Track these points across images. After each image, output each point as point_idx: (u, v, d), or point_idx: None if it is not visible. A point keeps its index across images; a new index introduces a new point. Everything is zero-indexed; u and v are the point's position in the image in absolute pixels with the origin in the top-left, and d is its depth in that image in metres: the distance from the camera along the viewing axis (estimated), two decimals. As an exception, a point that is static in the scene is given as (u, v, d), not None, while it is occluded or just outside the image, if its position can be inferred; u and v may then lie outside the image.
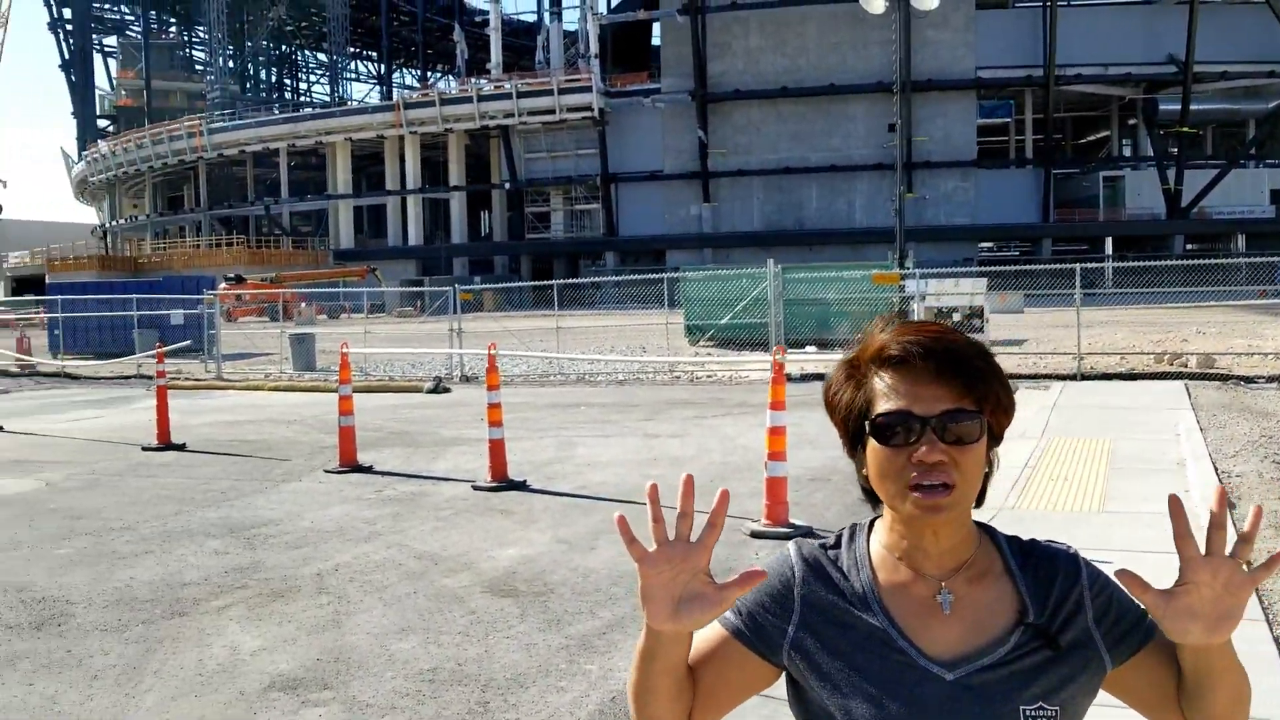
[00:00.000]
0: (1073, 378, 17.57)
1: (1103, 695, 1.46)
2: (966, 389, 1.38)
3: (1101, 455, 9.99)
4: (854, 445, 1.47)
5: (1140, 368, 18.48)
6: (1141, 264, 21.04)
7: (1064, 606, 1.42)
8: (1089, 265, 20.99)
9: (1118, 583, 1.34)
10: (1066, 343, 19.74)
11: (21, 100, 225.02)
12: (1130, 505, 7.88)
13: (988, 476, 1.44)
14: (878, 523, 1.51)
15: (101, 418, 17.09)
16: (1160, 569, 1.39)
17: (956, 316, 20.03)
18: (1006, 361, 20.09)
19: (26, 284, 69.71)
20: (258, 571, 7.15)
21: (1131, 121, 72.13)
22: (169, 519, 8.93)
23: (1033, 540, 1.51)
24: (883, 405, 1.39)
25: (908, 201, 59.65)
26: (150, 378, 18.64)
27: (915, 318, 20.47)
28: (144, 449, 12.93)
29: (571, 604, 6.24)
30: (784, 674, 1.49)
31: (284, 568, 7.22)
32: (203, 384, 22.33)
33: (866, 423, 1.41)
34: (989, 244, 68.30)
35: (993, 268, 27.53)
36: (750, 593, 1.43)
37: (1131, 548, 6.61)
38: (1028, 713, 1.37)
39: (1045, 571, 1.44)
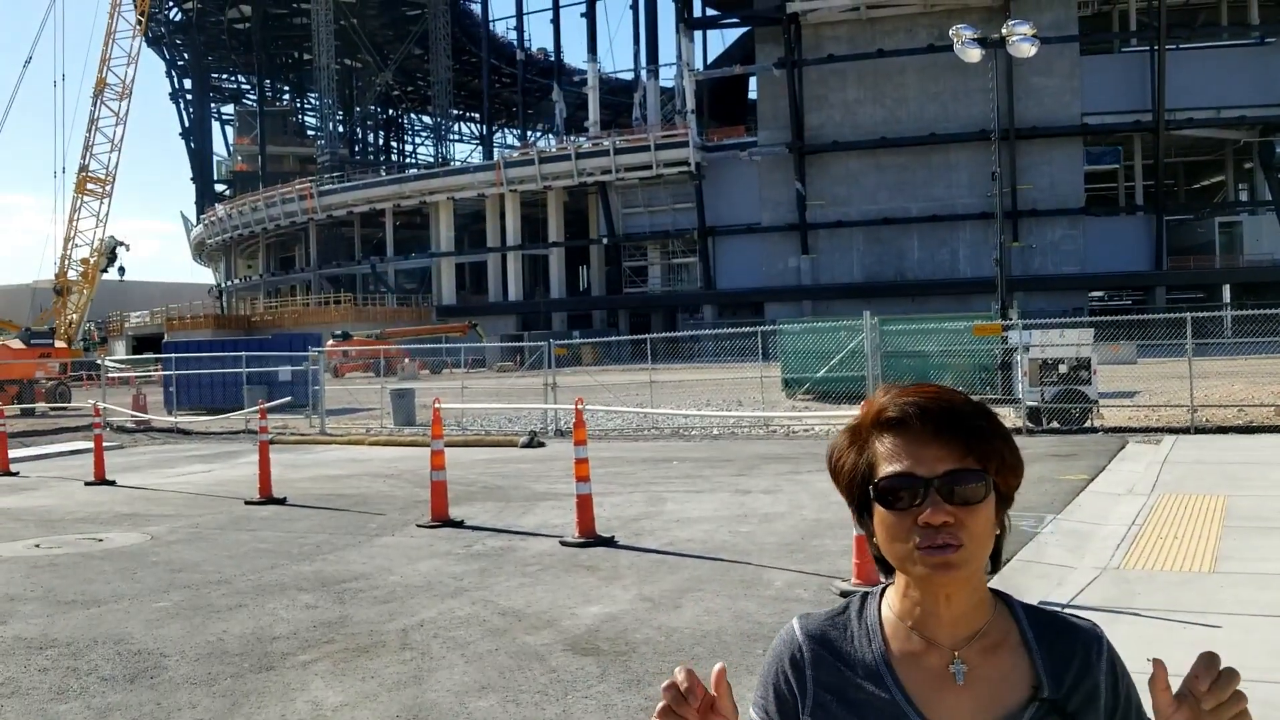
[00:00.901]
0: (1186, 431, 16.86)
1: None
2: (968, 448, 1.35)
3: (1215, 513, 9.51)
4: (860, 512, 1.44)
5: (1259, 420, 17.67)
6: (1260, 312, 20.12)
7: (1082, 685, 1.37)
8: (1201, 314, 20.20)
9: (1132, 679, 1.31)
10: (1180, 394, 18.99)
11: (143, 166, 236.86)
12: (1244, 566, 7.46)
13: (1000, 539, 1.41)
14: (889, 590, 1.47)
15: (209, 472, 17.60)
16: (1273, 634, 1.28)
17: (1062, 368, 19.42)
18: (1117, 414, 19.40)
19: (146, 343, 72.72)
20: (345, 626, 7.20)
21: (1248, 165, 69.75)
22: (264, 572, 9.09)
23: (1054, 612, 1.45)
24: (885, 468, 1.37)
25: (1014, 251, 58.84)
26: (257, 433, 19.15)
27: (1019, 370, 19.96)
28: (246, 503, 13.25)
29: (653, 664, 6.13)
30: None
31: (370, 623, 7.26)
32: (307, 439, 22.86)
33: (870, 487, 1.39)
34: (1099, 293, 66.45)
35: (1102, 317, 26.68)
36: (766, 686, 1.45)
37: (1242, 610, 6.24)
38: None
39: (1064, 646, 1.39)
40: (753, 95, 78.93)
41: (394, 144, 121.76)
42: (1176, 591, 6.91)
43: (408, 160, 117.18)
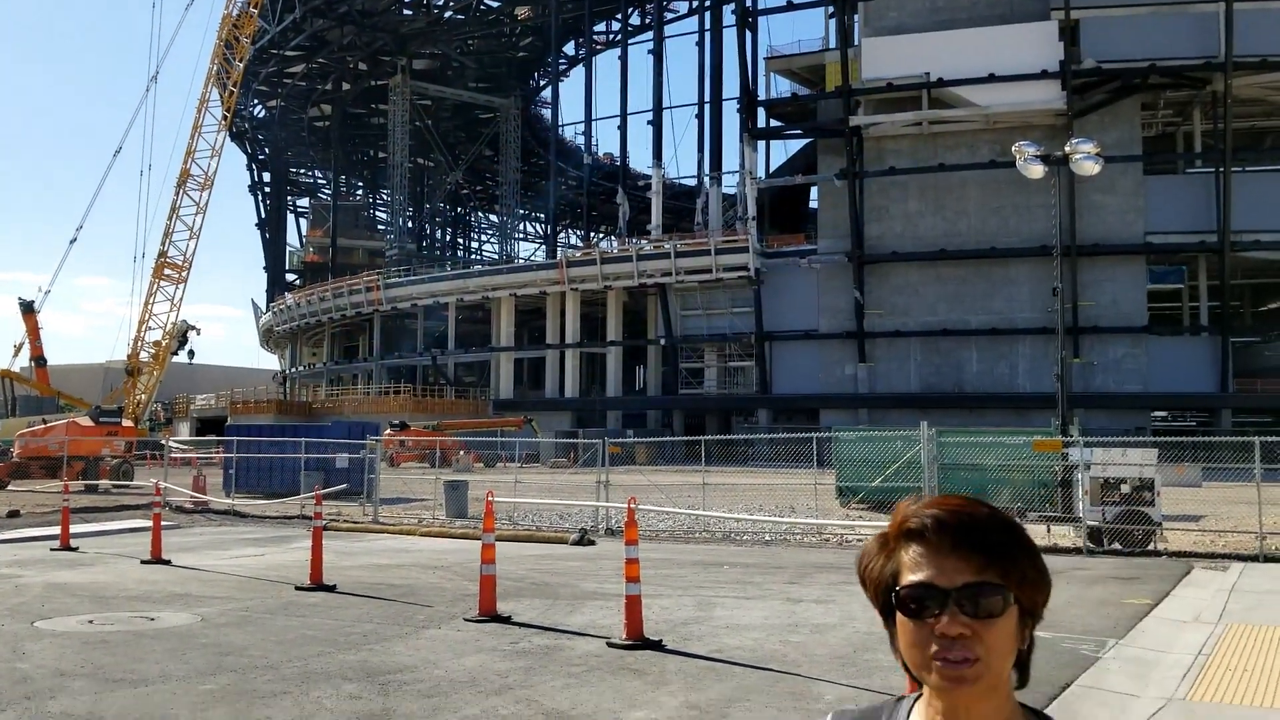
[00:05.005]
0: (1255, 559, 16.32)
1: None
2: (989, 562, 1.38)
3: (1286, 646, 9.15)
4: (886, 618, 1.47)
5: (1333, 551, 17.06)
6: (1332, 438, 19.63)
7: None
8: (1270, 438, 19.70)
9: None
10: (1248, 520, 18.43)
11: (215, 252, 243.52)
12: (1319, 704, 7.15)
13: (1028, 654, 1.43)
14: (919, 702, 1.48)
15: (262, 556, 17.71)
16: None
17: (1125, 488, 18.98)
18: (1182, 538, 18.85)
19: (210, 425, 73.96)
20: (387, 719, 7.15)
21: (1317, 289, 68.73)
22: (310, 660, 9.07)
23: None
24: (907, 577, 1.41)
25: (1075, 367, 58.11)
26: (311, 518, 19.28)
27: (1080, 488, 19.54)
28: (297, 588, 13.29)
29: (697, 775, 5.99)
30: None
31: (413, 717, 7.20)
32: (359, 526, 22.96)
33: (893, 594, 1.43)
34: (1162, 413, 65.16)
35: (1166, 438, 26.16)
36: None
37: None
38: None
39: None
40: (813, 204, 79.72)
41: (460, 240, 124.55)
42: (1245, 726, 6.64)
43: (473, 256, 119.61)
